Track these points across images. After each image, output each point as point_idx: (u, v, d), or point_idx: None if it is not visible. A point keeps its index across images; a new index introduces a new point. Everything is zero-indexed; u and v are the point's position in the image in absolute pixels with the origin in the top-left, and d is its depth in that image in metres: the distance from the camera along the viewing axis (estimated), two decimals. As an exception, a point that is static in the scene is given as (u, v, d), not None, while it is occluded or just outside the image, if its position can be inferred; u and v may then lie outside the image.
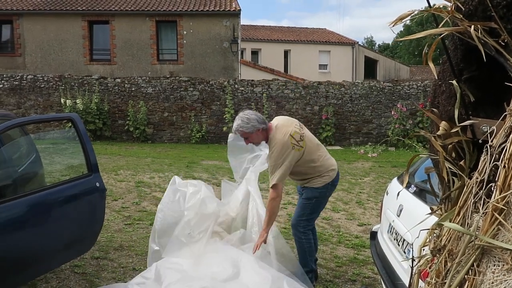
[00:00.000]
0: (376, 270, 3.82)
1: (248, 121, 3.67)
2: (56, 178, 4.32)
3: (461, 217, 1.07)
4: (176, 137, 14.20)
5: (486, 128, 1.14)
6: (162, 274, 3.40)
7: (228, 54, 17.26)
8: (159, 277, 3.39)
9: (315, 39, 28.74)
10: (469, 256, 0.99)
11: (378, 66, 31.49)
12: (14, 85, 14.09)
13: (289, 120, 3.87)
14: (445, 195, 1.21)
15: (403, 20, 1.34)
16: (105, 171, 8.22)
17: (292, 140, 3.60)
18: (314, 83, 14.44)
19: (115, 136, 14.08)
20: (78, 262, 4.27)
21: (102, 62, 17.36)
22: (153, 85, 14.12)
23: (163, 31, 17.62)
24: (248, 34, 26.90)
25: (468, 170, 1.18)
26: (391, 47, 52.47)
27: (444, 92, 1.27)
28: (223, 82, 14.22)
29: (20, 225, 3.15)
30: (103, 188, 3.81)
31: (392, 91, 14.23)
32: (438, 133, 1.24)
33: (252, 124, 3.65)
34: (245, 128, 3.67)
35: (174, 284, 3.29)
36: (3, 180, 3.67)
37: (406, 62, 40.22)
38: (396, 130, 13.47)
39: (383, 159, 11.53)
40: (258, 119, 3.70)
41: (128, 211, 6.14)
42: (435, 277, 1.06)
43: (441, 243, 1.09)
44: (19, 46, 17.13)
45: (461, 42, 1.19)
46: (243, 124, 3.67)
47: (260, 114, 3.83)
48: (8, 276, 3.11)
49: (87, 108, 13.26)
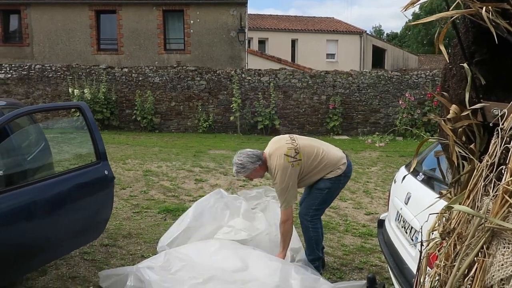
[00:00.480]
0: (383, 258, 3.83)
1: (243, 166, 3.77)
2: (65, 166, 4.36)
3: (471, 200, 1.06)
4: (183, 126, 14.22)
5: (497, 111, 1.13)
6: (172, 262, 3.43)
7: (235, 44, 17.19)
8: (168, 263, 3.42)
9: (323, 28, 28.51)
10: (479, 239, 0.99)
11: (386, 55, 31.22)
12: (23, 75, 14.16)
13: (279, 140, 3.89)
14: (455, 179, 1.21)
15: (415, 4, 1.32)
16: (113, 160, 8.26)
17: (288, 159, 3.65)
18: (322, 72, 14.36)
19: (123, 125, 14.13)
20: (88, 249, 4.32)
21: (110, 52, 17.37)
22: (160, 75, 14.13)
23: (170, 21, 17.56)
24: (255, 23, 26.75)
25: (478, 153, 1.17)
26: (400, 36, 51.95)
27: (455, 76, 1.26)
28: (230, 71, 14.18)
29: (30, 213, 3.18)
30: (112, 176, 3.84)
31: (400, 80, 14.12)
32: (448, 117, 1.23)
33: (247, 167, 3.76)
34: (243, 173, 3.82)
35: (181, 271, 3.32)
36: (13, 168, 3.71)
37: (415, 51, 39.82)
38: (404, 119, 13.39)
39: (390, 149, 11.48)
40: (251, 159, 3.76)
41: (136, 200, 6.18)
42: (444, 260, 1.06)
43: (450, 226, 1.09)
44: (27, 36, 17.18)
45: (473, 24, 1.17)
46: (240, 169, 3.80)
47: (253, 150, 3.86)
48: (18, 263, 3.15)
49: (94, 97, 13.30)
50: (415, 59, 32.93)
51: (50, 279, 3.75)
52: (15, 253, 3.07)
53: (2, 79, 14.11)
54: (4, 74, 14.12)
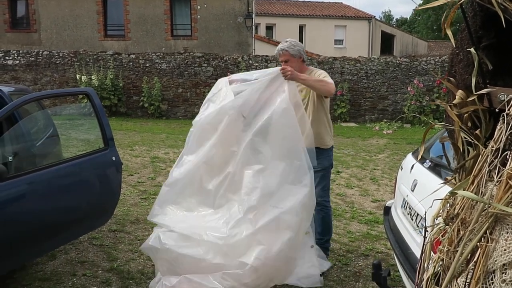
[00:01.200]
0: (389, 245, 3.84)
1: (296, 44, 3.70)
2: (73, 152, 4.40)
3: (475, 186, 1.06)
4: (191, 113, 14.23)
5: (504, 96, 1.12)
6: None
7: (242, 29, 17.08)
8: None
9: (331, 14, 28.22)
10: (482, 224, 0.99)
11: (395, 41, 30.87)
12: (30, 61, 14.21)
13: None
14: (460, 164, 1.20)
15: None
16: (120, 146, 8.31)
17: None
18: (329, 58, 14.26)
19: (130, 112, 14.17)
20: (96, 235, 4.37)
21: (117, 38, 17.35)
22: (167, 61, 14.10)
23: (177, 6, 17.46)
24: (263, 8, 26.53)
25: (483, 139, 1.16)
26: (409, 21, 51.30)
27: (462, 61, 1.25)
28: (237, 57, 14.12)
29: (39, 198, 3.22)
30: (119, 162, 3.86)
31: (409, 66, 13.99)
32: (454, 102, 1.22)
33: (298, 49, 3.67)
34: (290, 50, 3.65)
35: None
36: (22, 154, 3.74)
37: (424, 37, 39.33)
38: (412, 106, 13.29)
39: (398, 136, 11.43)
40: (302, 49, 3.74)
41: (144, 186, 6.23)
42: (448, 245, 1.06)
43: (454, 211, 1.09)
44: (34, 22, 17.19)
45: (481, 8, 1.16)
46: (290, 45, 3.67)
47: None
48: (28, 247, 3.20)
49: (102, 84, 13.33)
50: (424, 45, 32.54)
51: (59, 263, 3.82)
52: (25, 237, 3.11)
53: (10, 66, 14.17)
54: (12, 60, 14.18)
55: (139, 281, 3.54)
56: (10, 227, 2.98)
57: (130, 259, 3.92)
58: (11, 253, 3.08)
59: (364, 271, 3.80)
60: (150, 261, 3.87)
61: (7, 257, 3.04)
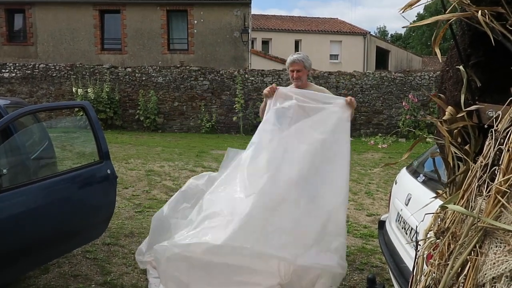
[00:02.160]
0: (384, 259, 3.84)
1: (308, 58, 3.96)
2: (68, 165, 4.39)
3: (465, 200, 1.08)
4: (186, 126, 14.26)
5: (492, 113, 1.15)
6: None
7: (239, 44, 17.22)
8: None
9: (326, 29, 28.51)
10: (472, 238, 1.00)
11: (390, 57, 31.19)
12: (27, 74, 14.23)
13: None
14: (450, 179, 1.22)
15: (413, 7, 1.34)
16: (115, 159, 8.30)
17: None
18: (325, 73, 14.37)
19: (126, 125, 14.18)
20: (90, 248, 4.35)
21: (113, 52, 17.43)
22: (164, 75, 14.17)
23: (174, 21, 17.61)
24: (259, 23, 26.78)
25: (473, 154, 1.19)
26: (404, 37, 51.91)
27: (451, 78, 1.28)
28: (233, 72, 14.21)
29: (33, 211, 3.21)
30: (114, 176, 3.86)
31: (403, 81, 14.12)
32: (444, 118, 1.24)
33: (310, 62, 3.96)
34: (305, 61, 3.89)
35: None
36: (16, 167, 3.74)
37: (419, 52, 39.77)
38: (407, 121, 13.38)
39: (393, 150, 11.48)
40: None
41: (139, 199, 6.21)
42: (439, 259, 1.08)
43: (445, 225, 1.11)
44: (31, 35, 17.26)
45: (469, 27, 1.19)
46: (305, 57, 3.92)
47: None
48: (21, 261, 3.18)
49: (98, 97, 13.35)
50: (419, 61, 32.89)
51: (52, 277, 3.78)
52: (18, 250, 3.09)
53: (7, 78, 14.18)
54: (9, 73, 14.19)
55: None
56: (4, 239, 2.97)
57: (124, 272, 3.90)
58: (5, 266, 3.05)
59: (359, 285, 3.79)
60: (144, 275, 3.85)
61: (1, 270, 3.02)
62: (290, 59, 3.96)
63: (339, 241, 3.38)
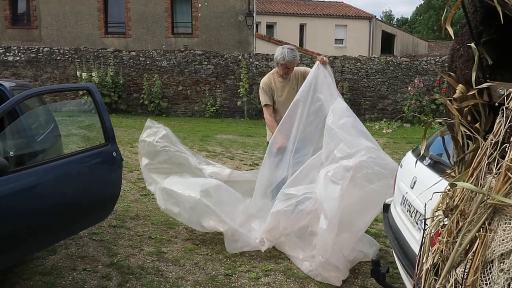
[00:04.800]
0: (388, 242, 3.86)
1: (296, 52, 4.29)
2: (74, 148, 4.41)
3: (474, 178, 1.08)
4: (191, 111, 14.25)
5: (503, 91, 1.14)
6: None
7: (243, 28, 17.09)
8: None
9: (332, 13, 28.22)
10: (481, 215, 1.00)
11: (396, 41, 30.89)
12: (31, 57, 14.21)
13: None
14: (459, 157, 1.22)
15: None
16: (120, 143, 8.32)
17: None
18: (330, 57, 14.26)
19: (130, 109, 14.18)
20: (96, 230, 4.39)
21: (117, 35, 17.35)
22: (168, 59, 14.11)
23: (178, 4, 17.46)
24: (264, 7, 26.52)
25: (483, 133, 1.18)
26: (410, 21, 51.33)
27: (462, 56, 1.26)
28: (238, 56, 14.13)
29: (39, 193, 3.23)
30: (120, 158, 3.87)
31: (409, 66, 14.01)
32: (455, 96, 1.24)
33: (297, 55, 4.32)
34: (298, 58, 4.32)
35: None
36: (23, 149, 3.75)
37: (425, 37, 39.36)
38: (412, 106, 13.31)
39: (397, 135, 11.45)
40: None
41: (144, 182, 6.21)
42: (447, 236, 1.08)
43: (453, 203, 1.11)
44: (35, 19, 17.18)
45: (481, 4, 1.18)
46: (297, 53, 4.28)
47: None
48: (29, 242, 3.22)
49: (102, 81, 13.32)
50: (425, 45, 32.56)
51: (59, 258, 3.83)
52: (26, 231, 3.13)
53: (11, 62, 14.17)
54: (13, 56, 14.17)
55: (139, 276, 3.55)
56: (12, 221, 3.00)
57: (130, 254, 3.94)
58: (13, 247, 3.09)
59: (363, 268, 3.82)
60: (150, 256, 3.89)
61: (8, 251, 3.05)
62: (288, 59, 4.23)
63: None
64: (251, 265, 3.80)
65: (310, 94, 4.02)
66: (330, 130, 3.72)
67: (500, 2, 1.07)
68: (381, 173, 3.55)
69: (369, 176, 3.53)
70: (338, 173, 3.48)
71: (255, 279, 3.55)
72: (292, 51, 4.24)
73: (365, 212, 3.64)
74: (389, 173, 3.56)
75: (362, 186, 3.54)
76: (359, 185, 3.53)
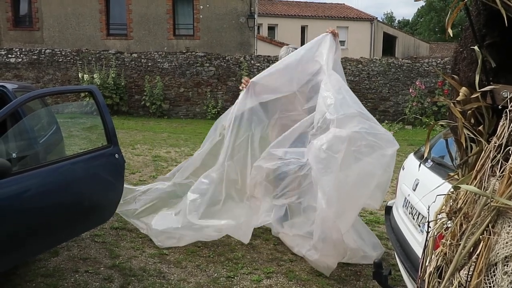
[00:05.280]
0: (390, 244, 3.85)
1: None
2: (76, 149, 4.41)
3: (478, 181, 1.08)
4: (192, 112, 14.26)
5: (507, 93, 1.14)
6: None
7: (245, 30, 17.10)
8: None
9: (333, 15, 28.24)
10: (485, 218, 1.01)
11: (397, 43, 30.89)
12: (33, 59, 14.24)
13: None
14: (463, 160, 1.22)
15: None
16: (122, 145, 8.28)
17: None
18: (331, 59, 14.25)
19: (132, 111, 14.19)
20: (98, 232, 4.39)
21: (119, 37, 17.37)
22: (169, 60, 14.13)
23: (180, 6, 17.48)
24: (265, 9, 26.56)
25: (486, 135, 1.18)
26: (411, 23, 51.33)
27: (465, 59, 1.27)
28: (239, 57, 14.14)
29: (42, 195, 3.23)
30: (123, 160, 3.88)
31: (410, 68, 14.00)
32: (458, 99, 1.24)
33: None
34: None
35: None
36: (25, 151, 3.76)
37: (426, 39, 39.35)
38: (414, 108, 13.31)
39: (399, 137, 11.42)
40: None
41: (146, 184, 6.23)
42: (450, 239, 1.08)
43: (457, 206, 1.11)
44: (37, 20, 17.22)
45: (484, 7, 1.18)
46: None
47: None
48: (31, 244, 3.22)
49: (104, 83, 13.34)
50: (426, 47, 32.56)
51: (62, 260, 3.83)
52: (28, 233, 3.13)
53: (13, 64, 14.20)
54: (15, 58, 14.21)
55: (141, 278, 3.55)
56: (14, 222, 3.00)
57: (132, 256, 3.94)
58: (15, 249, 3.09)
59: (365, 270, 3.81)
60: (152, 258, 3.89)
61: (10, 252, 3.06)
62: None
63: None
64: (253, 267, 3.80)
65: (329, 66, 3.91)
66: (323, 91, 3.69)
67: (504, 5, 1.07)
68: (375, 143, 3.45)
69: (363, 148, 3.44)
70: (333, 146, 3.38)
71: (257, 281, 3.55)
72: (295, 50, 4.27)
73: (362, 186, 3.53)
74: (383, 143, 3.48)
75: (357, 159, 3.45)
76: (354, 158, 3.44)
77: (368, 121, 3.55)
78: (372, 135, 3.46)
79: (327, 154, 3.37)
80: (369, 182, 3.54)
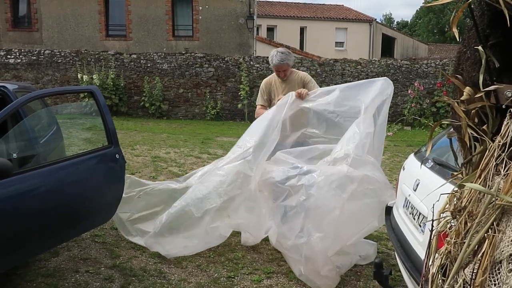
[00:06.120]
0: (390, 245, 3.86)
1: (289, 53, 4.11)
2: (77, 150, 4.41)
3: (482, 180, 1.09)
4: (191, 113, 14.26)
5: (510, 93, 1.15)
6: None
7: (244, 31, 17.12)
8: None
9: (332, 16, 28.28)
10: (489, 216, 1.01)
11: (396, 44, 30.94)
12: (32, 60, 14.23)
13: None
14: (467, 159, 1.23)
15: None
16: (121, 146, 8.23)
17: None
18: (330, 60, 14.29)
19: (131, 112, 14.19)
20: (98, 232, 4.39)
21: (118, 38, 17.38)
22: (169, 61, 14.13)
23: (179, 7, 17.50)
24: (264, 10, 26.58)
25: (490, 134, 1.19)
26: (410, 24, 51.43)
27: (469, 59, 1.28)
28: (239, 58, 14.16)
29: (43, 194, 3.24)
30: (123, 160, 3.88)
31: (409, 69, 14.03)
32: (462, 99, 1.25)
33: (293, 58, 4.21)
34: (289, 61, 4.12)
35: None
36: (26, 151, 3.76)
37: (425, 40, 39.43)
38: (413, 109, 13.33)
39: (398, 138, 11.45)
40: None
41: (145, 184, 6.23)
42: (455, 237, 1.09)
43: (461, 204, 1.12)
44: (36, 21, 17.22)
45: (488, 7, 1.19)
46: (289, 56, 4.11)
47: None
48: (31, 244, 3.22)
49: (103, 83, 13.33)
50: (425, 48, 32.62)
51: (62, 260, 3.83)
52: (28, 233, 3.13)
53: (12, 64, 14.19)
54: (14, 59, 14.20)
55: (141, 278, 3.55)
56: (15, 223, 3.00)
57: (133, 256, 3.94)
58: (15, 249, 3.09)
59: (365, 270, 3.82)
60: (152, 258, 3.89)
61: (11, 253, 3.06)
62: (275, 62, 4.20)
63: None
64: (253, 267, 3.81)
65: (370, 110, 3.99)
66: (355, 127, 3.76)
67: (507, 5, 1.08)
68: (379, 190, 3.59)
69: (367, 191, 3.55)
70: (342, 185, 3.46)
71: (257, 282, 3.56)
72: (281, 55, 4.16)
73: (355, 225, 3.63)
74: (382, 192, 3.60)
75: (359, 199, 3.55)
76: (357, 198, 3.53)
77: (378, 171, 3.68)
78: (378, 183, 3.60)
79: (335, 192, 3.44)
80: (361, 223, 3.66)
